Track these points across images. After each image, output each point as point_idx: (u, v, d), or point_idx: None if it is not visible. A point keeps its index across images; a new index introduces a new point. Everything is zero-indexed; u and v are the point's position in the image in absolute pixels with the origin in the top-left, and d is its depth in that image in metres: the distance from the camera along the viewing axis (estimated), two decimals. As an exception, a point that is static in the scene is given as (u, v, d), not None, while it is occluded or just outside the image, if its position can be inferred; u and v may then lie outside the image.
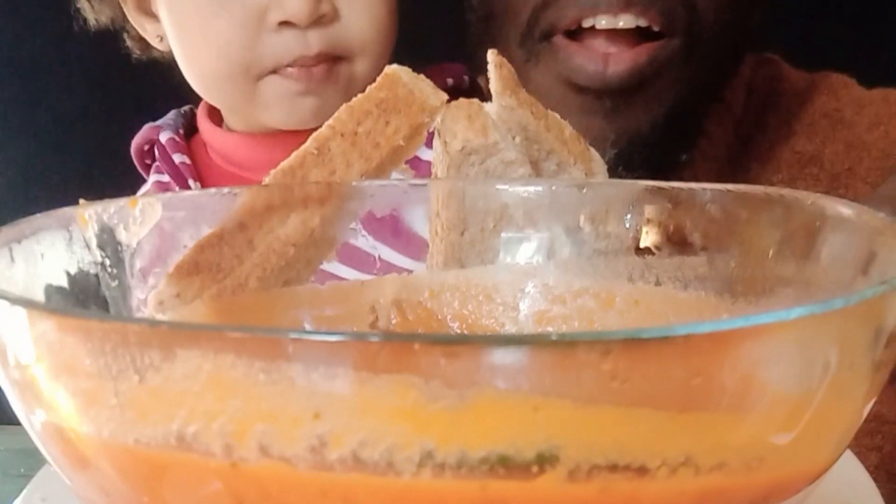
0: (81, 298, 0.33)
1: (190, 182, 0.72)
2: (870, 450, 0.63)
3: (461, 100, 0.39)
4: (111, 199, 0.35)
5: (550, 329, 0.38)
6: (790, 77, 0.75)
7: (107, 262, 0.34)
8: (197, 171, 0.74)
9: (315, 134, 0.38)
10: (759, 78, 0.74)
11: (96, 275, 0.34)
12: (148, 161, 0.76)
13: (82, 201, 0.34)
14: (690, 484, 0.21)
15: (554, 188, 0.39)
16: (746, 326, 0.21)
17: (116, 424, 0.22)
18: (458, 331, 0.38)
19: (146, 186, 0.75)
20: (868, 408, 0.25)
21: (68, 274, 0.32)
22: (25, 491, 0.36)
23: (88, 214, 0.34)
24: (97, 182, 0.59)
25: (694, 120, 0.69)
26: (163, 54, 0.73)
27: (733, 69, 0.71)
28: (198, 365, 0.21)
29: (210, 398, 0.21)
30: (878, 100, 0.71)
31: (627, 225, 0.37)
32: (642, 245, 0.37)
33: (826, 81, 0.73)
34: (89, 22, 0.75)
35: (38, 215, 0.32)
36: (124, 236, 0.35)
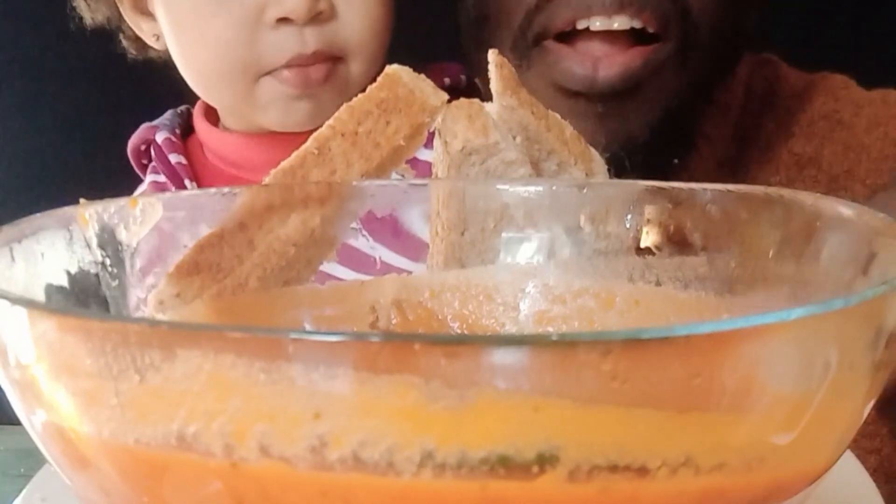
0: (82, 298, 0.33)
1: (186, 182, 0.72)
2: (869, 452, 0.63)
3: (462, 100, 0.39)
4: (111, 199, 0.35)
5: (551, 329, 0.38)
6: (789, 78, 0.74)
7: (107, 262, 0.34)
8: (193, 171, 0.74)
9: (315, 134, 0.38)
10: (758, 79, 0.74)
11: (97, 274, 0.34)
12: (144, 161, 0.76)
13: (83, 201, 0.34)
14: (691, 484, 0.21)
15: (554, 188, 0.39)
16: (746, 327, 0.21)
17: (116, 424, 0.22)
18: (459, 331, 0.38)
19: (142, 186, 0.75)
20: (868, 408, 0.25)
21: (68, 273, 0.32)
22: (25, 491, 0.36)
23: (89, 214, 0.34)
24: (97, 182, 0.59)
25: (689, 123, 0.69)
26: (159, 54, 0.73)
27: (730, 70, 0.70)
28: (198, 365, 0.21)
29: (210, 398, 0.21)
30: (877, 101, 0.71)
31: (628, 225, 0.37)
32: (642, 245, 0.37)
33: (825, 82, 0.73)
34: (85, 21, 0.75)
35: (38, 215, 0.32)
36: (125, 236, 0.35)
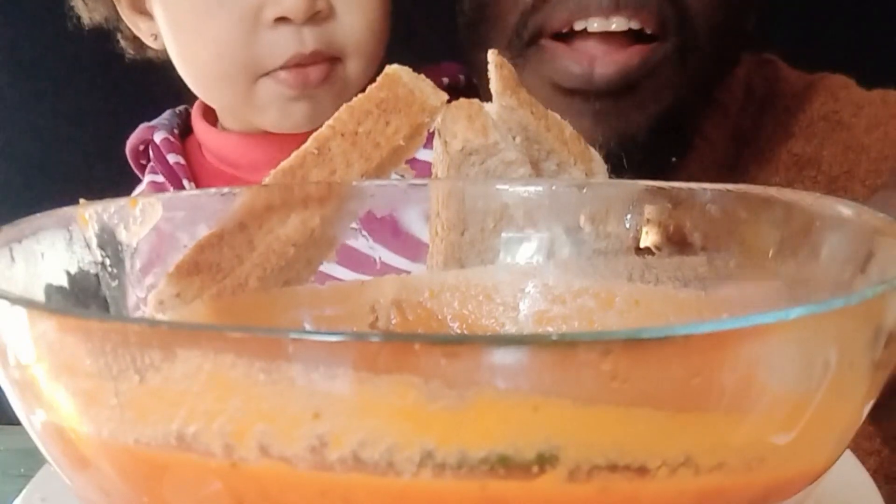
0: (81, 298, 0.33)
1: (184, 182, 0.72)
2: (869, 454, 0.63)
3: (461, 100, 0.39)
4: (111, 199, 0.35)
5: (550, 329, 0.38)
6: (788, 78, 0.74)
7: (107, 262, 0.34)
8: (192, 172, 0.73)
9: (315, 134, 0.38)
10: (757, 79, 0.74)
11: (96, 274, 0.34)
12: (143, 161, 0.76)
13: (82, 201, 0.34)
14: (690, 484, 0.21)
15: (554, 188, 0.39)
16: (746, 326, 0.21)
17: (116, 424, 0.22)
18: (458, 331, 0.38)
19: (141, 187, 0.75)
20: (868, 408, 0.25)
21: (68, 274, 0.32)
22: (25, 491, 0.36)
23: (89, 214, 0.34)
24: (97, 182, 0.59)
25: (687, 123, 0.69)
26: (157, 54, 0.73)
27: (729, 71, 0.70)
28: (198, 365, 0.21)
29: (210, 398, 0.21)
30: (877, 101, 0.71)
31: (627, 225, 0.37)
32: (642, 245, 0.37)
33: (824, 83, 0.73)
34: (83, 21, 0.75)
35: (38, 215, 0.32)
36: (124, 236, 0.35)
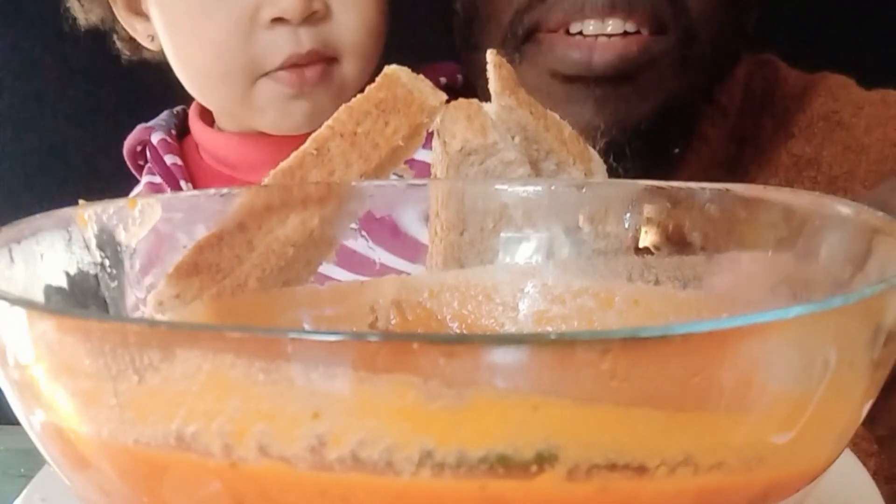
0: (81, 299, 0.33)
1: (182, 183, 0.72)
2: (868, 455, 0.62)
3: (460, 100, 0.39)
4: (111, 200, 0.35)
5: (550, 329, 0.38)
6: (788, 78, 0.74)
7: (106, 263, 0.34)
8: (189, 172, 0.73)
9: (314, 134, 0.38)
10: (757, 79, 0.73)
11: (96, 275, 0.34)
12: (141, 162, 0.76)
13: (82, 202, 0.34)
14: (689, 483, 0.21)
15: (553, 188, 0.39)
16: (745, 326, 0.21)
17: (116, 424, 0.22)
18: (458, 331, 0.38)
19: (138, 188, 0.75)
20: (867, 407, 0.25)
21: (68, 274, 0.32)
22: (25, 491, 0.36)
23: (88, 215, 0.34)
24: (96, 182, 0.59)
25: (688, 118, 0.69)
26: (153, 55, 0.73)
27: (729, 70, 0.70)
28: (197, 365, 0.21)
29: (209, 398, 0.21)
30: (877, 101, 0.71)
31: (626, 225, 0.37)
32: (641, 245, 0.37)
33: (824, 83, 0.73)
34: (79, 22, 0.75)
35: (38, 215, 0.32)
36: (124, 237, 0.35)
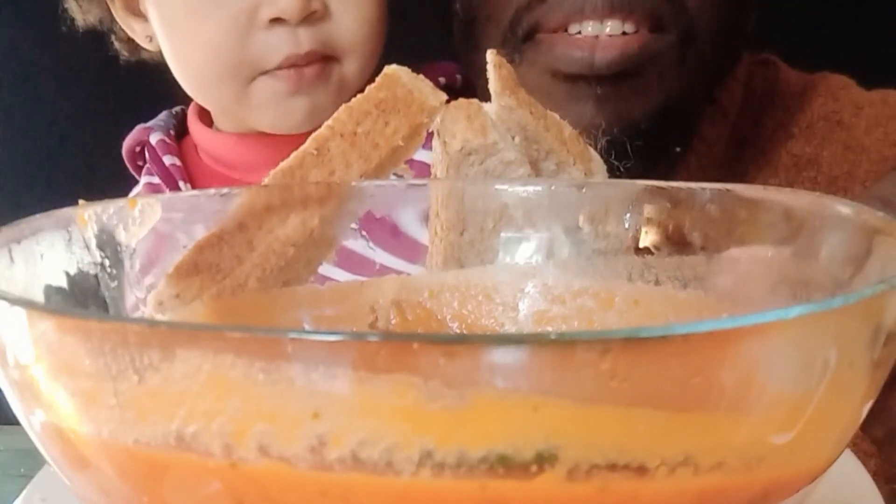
0: (81, 299, 0.33)
1: (180, 184, 0.72)
2: (869, 456, 0.63)
3: (460, 100, 0.39)
4: (111, 200, 0.35)
5: (550, 329, 0.38)
6: (788, 78, 0.74)
7: (106, 263, 0.34)
8: (187, 173, 0.73)
9: (314, 134, 0.38)
10: (757, 79, 0.73)
11: (96, 275, 0.34)
12: (140, 163, 0.75)
13: (82, 202, 0.34)
14: (689, 483, 0.21)
15: (553, 188, 0.39)
16: (745, 326, 0.21)
17: (116, 424, 0.22)
18: (458, 331, 0.38)
19: (137, 188, 0.75)
20: (867, 407, 0.25)
21: (68, 274, 0.32)
22: (25, 491, 0.36)
23: (88, 215, 0.34)
24: (96, 182, 0.59)
25: (688, 118, 0.69)
26: (152, 55, 0.73)
27: (729, 70, 0.70)
28: (197, 365, 0.21)
29: (209, 398, 0.21)
30: (877, 101, 0.71)
31: (627, 225, 0.37)
32: (642, 245, 0.37)
33: (824, 83, 0.73)
34: (77, 23, 0.75)
35: (38, 215, 0.32)
36: (124, 237, 0.35)
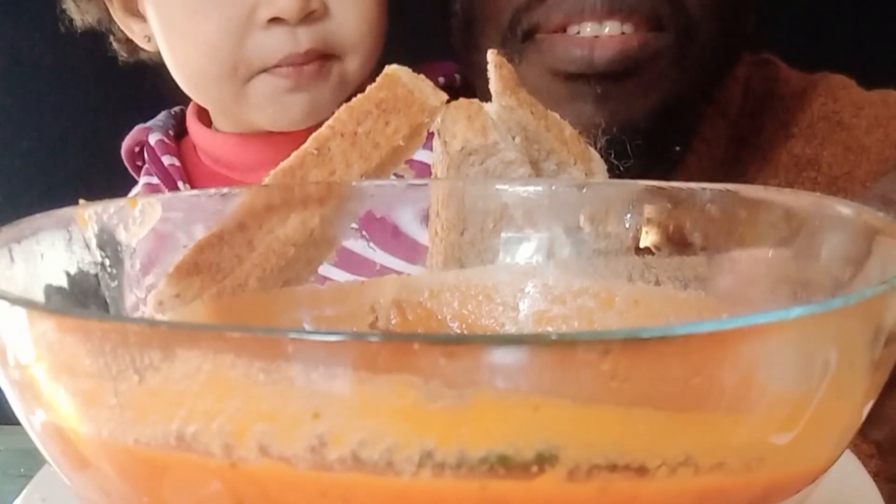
0: (81, 299, 0.33)
1: (179, 184, 0.71)
2: (869, 457, 0.63)
3: (461, 100, 0.39)
4: (111, 200, 0.35)
5: (550, 329, 0.38)
6: (788, 78, 0.74)
7: (106, 263, 0.34)
8: (186, 173, 0.73)
9: (315, 134, 0.38)
10: (756, 79, 0.73)
11: (96, 275, 0.34)
12: (139, 163, 0.75)
13: (82, 201, 0.34)
14: (690, 484, 0.21)
15: (554, 188, 0.39)
16: (746, 326, 0.21)
17: (116, 424, 0.22)
18: (458, 331, 0.38)
19: (136, 188, 0.75)
20: (868, 408, 0.25)
21: (68, 274, 0.32)
22: (25, 491, 0.36)
23: (88, 215, 0.34)
24: (96, 182, 0.59)
25: (688, 118, 0.69)
26: (150, 55, 0.73)
27: (729, 69, 0.70)
28: (197, 365, 0.21)
29: (210, 398, 0.21)
30: (878, 101, 0.71)
31: (627, 225, 0.37)
32: (642, 245, 0.37)
33: (824, 83, 0.73)
34: (75, 23, 0.75)
35: (38, 215, 0.32)
36: (124, 236, 0.35)
